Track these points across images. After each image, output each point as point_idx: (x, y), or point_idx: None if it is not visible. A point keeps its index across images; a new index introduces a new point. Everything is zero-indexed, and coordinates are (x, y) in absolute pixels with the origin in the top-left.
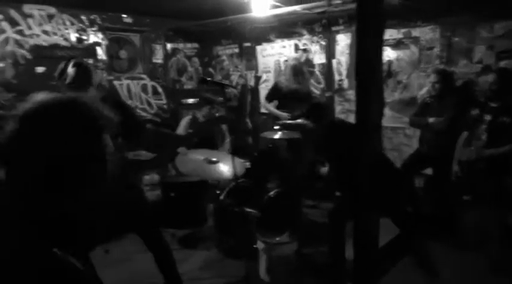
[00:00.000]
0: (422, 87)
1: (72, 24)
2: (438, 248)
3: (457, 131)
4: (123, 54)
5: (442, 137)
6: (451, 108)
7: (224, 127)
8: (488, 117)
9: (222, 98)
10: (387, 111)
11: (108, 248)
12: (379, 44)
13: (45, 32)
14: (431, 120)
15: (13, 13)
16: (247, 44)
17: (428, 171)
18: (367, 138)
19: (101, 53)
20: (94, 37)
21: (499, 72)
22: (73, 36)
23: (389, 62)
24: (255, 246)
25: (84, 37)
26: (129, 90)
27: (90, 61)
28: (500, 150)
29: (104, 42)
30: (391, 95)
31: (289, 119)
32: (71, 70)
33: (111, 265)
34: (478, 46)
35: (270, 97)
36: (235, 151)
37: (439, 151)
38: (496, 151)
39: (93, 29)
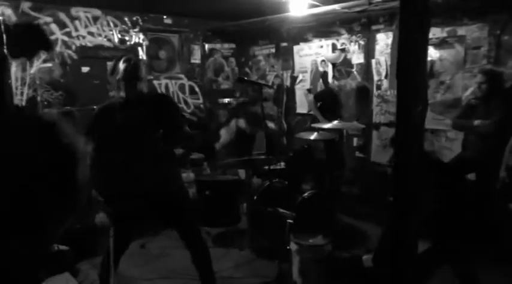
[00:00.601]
0: (467, 88)
1: (116, 25)
2: (481, 259)
3: (504, 135)
4: (162, 54)
5: (488, 141)
6: (499, 111)
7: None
8: None
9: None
10: (428, 113)
11: (143, 243)
12: (423, 42)
13: (91, 33)
14: (476, 122)
15: (62, 16)
16: (284, 44)
17: (472, 177)
18: (408, 141)
19: (141, 53)
20: (135, 38)
21: None
22: (116, 37)
23: (432, 62)
24: (288, 247)
25: (127, 38)
26: (167, 90)
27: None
28: None
29: (145, 43)
30: (433, 96)
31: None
32: (121, 65)
33: (147, 260)
34: None
35: (320, 98)
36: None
37: (484, 156)
38: None
39: (135, 30)
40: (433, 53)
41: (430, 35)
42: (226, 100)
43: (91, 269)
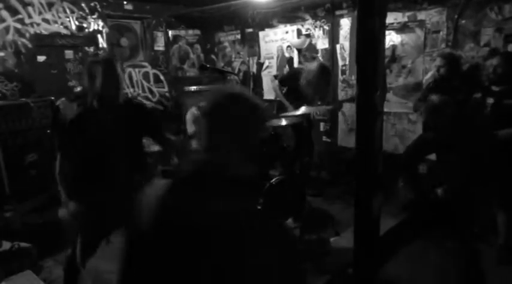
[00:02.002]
0: (428, 71)
1: (73, 12)
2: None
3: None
4: (124, 41)
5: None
6: (458, 93)
7: None
8: (491, 100)
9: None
10: (391, 97)
11: (109, 238)
12: (381, 26)
13: (46, 20)
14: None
15: (13, 1)
16: (250, 30)
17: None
18: (369, 125)
19: (101, 41)
20: (94, 25)
21: (504, 55)
22: (73, 24)
23: (394, 47)
24: None
25: (85, 25)
26: (130, 78)
27: (91, 49)
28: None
29: (105, 30)
30: (395, 80)
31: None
32: (99, 70)
33: (114, 254)
34: (485, 28)
35: (284, 82)
36: None
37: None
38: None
39: (94, 16)
40: (394, 38)
41: (392, 20)
42: (192, 88)
43: (55, 266)
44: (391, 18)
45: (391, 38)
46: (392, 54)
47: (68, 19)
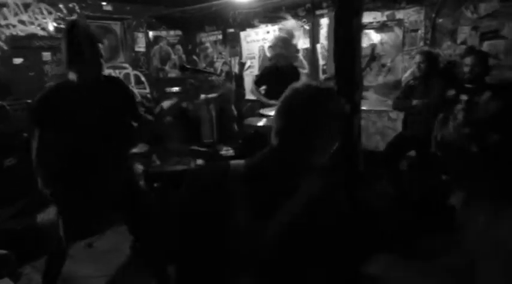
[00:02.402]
0: (407, 70)
1: (50, 13)
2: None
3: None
4: (104, 43)
5: (426, 119)
6: (436, 90)
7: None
8: (464, 97)
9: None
10: (371, 95)
11: (91, 242)
12: (358, 25)
13: (22, 22)
14: (415, 102)
15: None
16: (231, 30)
17: (412, 153)
18: (348, 122)
19: None
20: None
21: (477, 53)
22: (51, 26)
23: (373, 45)
24: None
25: (63, 26)
26: None
27: None
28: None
29: None
30: (375, 79)
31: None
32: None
33: (96, 258)
34: (462, 27)
35: (260, 81)
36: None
37: (423, 133)
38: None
39: (72, 17)
40: (374, 37)
41: (371, 19)
42: (174, 89)
43: (34, 273)
44: (370, 17)
45: (370, 37)
46: (372, 52)
47: (45, 20)
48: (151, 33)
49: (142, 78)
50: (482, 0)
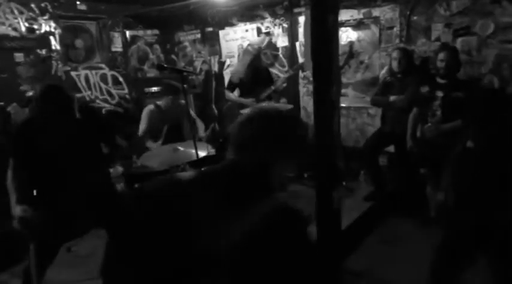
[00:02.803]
0: (384, 66)
1: (21, 13)
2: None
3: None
4: (79, 43)
5: (404, 115)
6: (412, 86)
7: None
8: (440, 94)
9: (185, 85)
10: (350, 91)
11: (69, 246)
12: (334, 22)
13: None
14: (392, 98)
15: None
16: (210, 29)
17: (391, 149)
18: (326, 119)
19: (54, 42)
20: (46, 26)
21: (450, 50)
22: (23, 26)
23: (351, 43)
24: None
25: (35, 26)
26: (87, 80)
27: (43, 52)
28: (456, 124)
29: (58, 31)
30: (354, 76)
31: (255, 103)
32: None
33: (76, 263)
34: (435, 24)
35: (230, 87)
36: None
37: (401, 129)
38: (454, 125)
39: (45, 17)
40: (352, 34)
41: (348, 17)
42: (153, 89)
43: (11, 279)
44: (347, 15)
45: (348, 35)
46: (350, 50)
47: (16, 20)
48: (128, 33)
49: (120, 79)
50: None
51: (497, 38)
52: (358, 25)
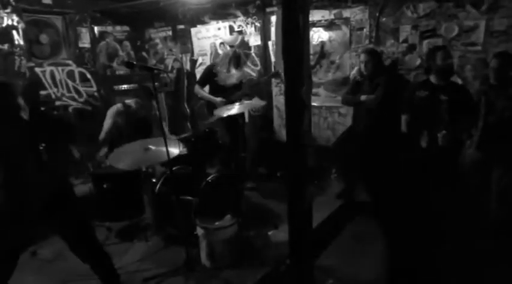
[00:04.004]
0: (354, 66)
1: None
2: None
3: (387, 107)
4: (44, 38)
5: (374, 113)
6: (381, 86)
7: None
8: (443, 97)
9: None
10: (322, 91)
11: (34, 250)
12: (305, 22)
13: None
14: (363, 97)
15: None
16: (181, 27)
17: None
18: (297, 118)
19: (17, 37)
20: (8, 20)
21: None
22: None
23: (323, 43)
24: (195, 232)
25: None
26: (53, 77)
27: (5, 47)
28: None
29: (21, 26)
30: (325, 75)
31: (225, 104)
32: None
33: (41, 267)
34: (403, 26)
35: (203, 82)
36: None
37: (371, 126)
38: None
39: (7, 10)
40: (323, 34)
41: (320, 17)
42: (123, 86)
43: None
44: (318, 15)
45: (320, 35)
46: (321, 50)
47: None
48: (96, 29)
49: (88, 76)
50: (422, 1)
51: (461, 40)
52: (329, 25)
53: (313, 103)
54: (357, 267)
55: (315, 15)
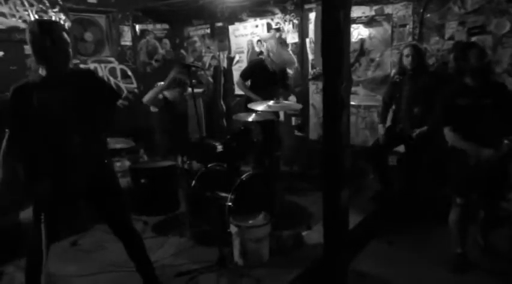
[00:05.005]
0: (395, 65)
1: (32, 5)
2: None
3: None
4: (88, 36)
5: (416, 115)
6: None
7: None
8: (488, 100)
9: (194, 80)
10: (360, 90)
11: (75, 240)
12: (346, 19)
13: (2, 14)
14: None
15: None
16: (219, 24)
17: (401, 149)
18: (335, 116)
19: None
20: (56, 19)
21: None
22: (33, 18)
23: (362, 40)
24: (228, 230)
25: (46, 18)
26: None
27: None
28: None
29: (67, 24)
30: (364, 74)
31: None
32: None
33: (81, 257)
34: (449, 22)
35: (245, 75)
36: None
37: (412, 129)
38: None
39: (55, 10)
40: (363, 31)
41: (360, 13)
42: (160, 83)
43: (17, 272)
44: (359, 11)
45: (360, 32)
46: (361, 47)
47: (26, 13)
48: (137, 27)
49: (129, 73)
50: None
51: None
52: (369, 22)
53: (352, 102)
54: (392, 275)
55: (355, 12)
